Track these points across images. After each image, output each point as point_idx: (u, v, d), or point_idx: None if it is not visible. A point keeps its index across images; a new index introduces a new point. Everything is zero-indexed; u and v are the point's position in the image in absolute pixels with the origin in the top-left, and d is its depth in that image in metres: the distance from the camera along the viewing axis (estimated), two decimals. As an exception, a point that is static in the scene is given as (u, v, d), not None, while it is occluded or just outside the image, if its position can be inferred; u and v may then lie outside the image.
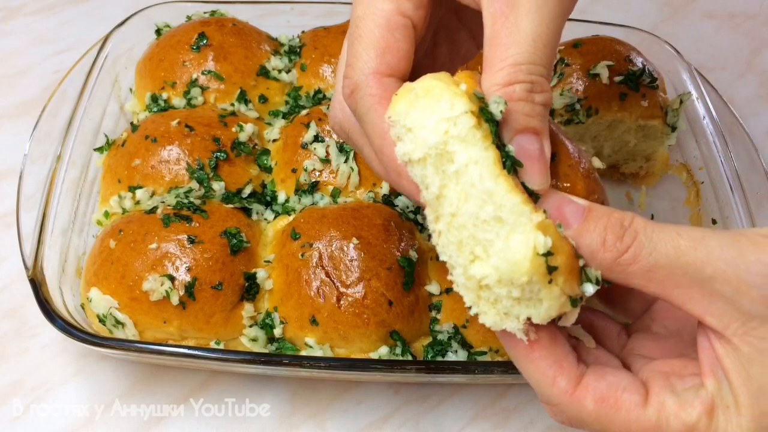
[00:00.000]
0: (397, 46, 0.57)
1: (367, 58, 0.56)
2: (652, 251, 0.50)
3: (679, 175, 1.09)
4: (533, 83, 0.53)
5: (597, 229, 0.52)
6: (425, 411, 0.87)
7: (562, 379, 0.54)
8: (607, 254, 0.51)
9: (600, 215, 0.52)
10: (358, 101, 0.57)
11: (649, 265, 0.50)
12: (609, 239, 0.51)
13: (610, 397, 0.53)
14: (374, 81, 0.56)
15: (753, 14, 1.43)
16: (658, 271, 0.50)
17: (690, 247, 0.50)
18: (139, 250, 0.82)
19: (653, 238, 0.51)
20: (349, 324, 0.80)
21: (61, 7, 1.35)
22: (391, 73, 0.57)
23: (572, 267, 0.52)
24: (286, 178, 0.93)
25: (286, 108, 1.05)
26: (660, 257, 0.50)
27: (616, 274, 0.52)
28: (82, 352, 0.89)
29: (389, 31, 0.57)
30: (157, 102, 1.02)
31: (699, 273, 0.49)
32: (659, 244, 0.50)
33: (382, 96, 0.56)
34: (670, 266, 0.50)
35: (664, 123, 1.05)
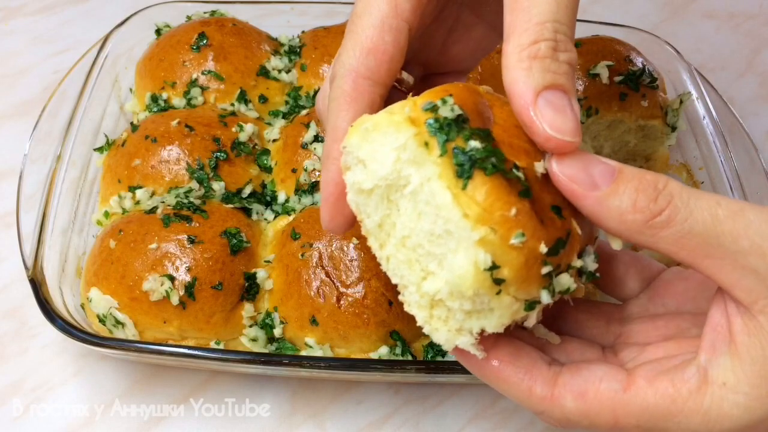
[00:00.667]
0: (383, 49, 0.58)
1: (352, 55, 0.58)
2: (687, 217, 0.49)
3: (679, 175, 1.09)
4: (557, 41, 0.52)
5: (628, 190, 0.50)
6: (425, 411, 0.87)
7: (537, 386, 0.54)
8: (638, 215, 0.50)
9: (632, 176, 0.50)
10: (332, 89, 0.60)
11: (683, 232, 0.49)
12: (641, 200, 0.49)
13: (589, 390, 0.53)
14: (350, 79, 0.58)
15: (753, 14, 1.43)
16: (692, 239, 0.49)
17: (728, 216, 0.48)
18: (139, 250, 0.82)
19: (689, 204, 0.49)
20: (349, 324, 0.80)
21: (61, 7, 1.35)
22: (369, 75, 0.58)
23: (525, 276, 0.50)
24: (286, 178, 0.93)
25: (286, 108, 1.05)
26: (695, 224, 0.49)
27: (645, 238, 0.50)
28: (82, 352, 0.89)
29: (380, 32, 0.58)
30: (157, 102, 1.02)
31: (734, 244, 0.48)
32: (696, 211, 0.49)
33: (351, 95, 0.58)
34: (705, 234, 0.48)
35: (664, 123, 1.05)
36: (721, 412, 0.49)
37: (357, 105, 0.58)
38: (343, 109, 0.58)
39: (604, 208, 0.50)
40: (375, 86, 0.58)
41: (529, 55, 0.51)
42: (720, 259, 0.49)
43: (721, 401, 0.49)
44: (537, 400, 0.54)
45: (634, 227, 0.50)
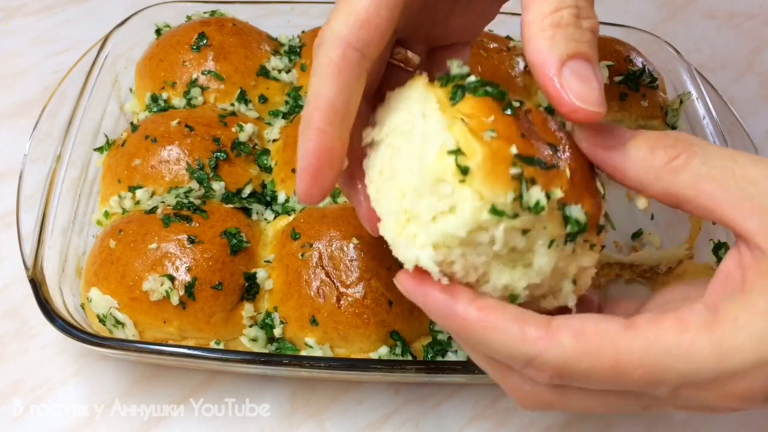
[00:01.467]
0: (377, 22, 0.56)
1: (343, 23, 0.56)
2: (705, 161, 0.49)
3: (679, 175, 1.09)
4: (579, 8, 0.52)
5: (647, 139, 0.51)
6: (425, 411, 0.87)
7: (530, 328, 0.49)
8: (657, 160, 0.50)
9: (648, 134, 0.52)
10: (316, 56, 0.58)
11: (702, 175, 0.49)
12: (660, 145, 0.51)
13: (587, 329, 0.49)
14: (339, 48, 0.56)
15: (753, 14, 1.43)
16: (711, 182, 0.49)
17: (747, 162, 0.49)
18: (139, 250, 0.82)
19: (708, 149, 0.50)
20: (349, 324, 0.80)
21: (61, 7, 1.35)
22: (360, 47, 0.56)
23: (490, 169, 0.48)
24: (286, 178, 0.93)
25: (286, 108, 1.05)
26: (714, 168, 0.49)
27: (664, 183, 0.50)
28: (82, 352, 0.89)
29: (377, 6, 0.56)
30: (157, 102, 1.02)
31: (753, 187, 0.47)
32: (714, 156, 0.49)
33: (338, 65, 0.56)
34: (723, 177, 0.48)
35: (664, 123, 1.05)
36: (733, 344, 0.46)
37: (344, 76, 0.56)
38: (328, 77, 0.56)
39: (624, 156, 0.51)
40: (364, 60, 0.57)
41: (551, 23, 0.51)
42: (738, 202, 0.48)
43: (734, 333, 0.46)
44: (530, 344, 0.49)
45: (653, 172, 0.50)
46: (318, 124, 0.56)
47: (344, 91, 0.57)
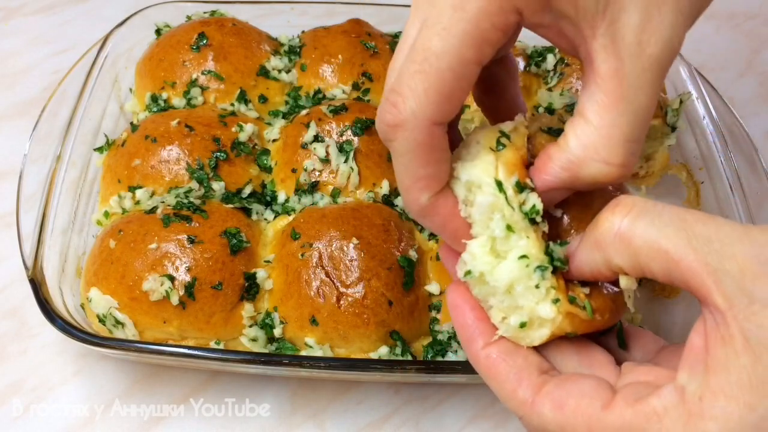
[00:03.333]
0: (460, 95, 0.54)
1: (426, 102, 0.53)
2: (653, 221, 0.49)
3: (679, 175, 1.09)
4: (628, 166, 0.54)
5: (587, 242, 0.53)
6: (425, 411, 0.87)
7: (521, 389, 0.54)
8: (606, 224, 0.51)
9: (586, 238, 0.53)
10: (400, 140, 0.55)
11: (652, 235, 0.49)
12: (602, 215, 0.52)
13: (568, 403, 0.52)
14: (425, 128, 0.54)
15: (753, 14, 1.43)
16: (663, 240, 0.48)
17: (698, 220, 0.48)
18: (139, 250, 0.82)
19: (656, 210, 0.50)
20: (349, 324, 0.80)
21: (61, 7, 1.36)
22: (443, 121, 0.55)
23: None
24: (286, 178, 0.93)
25: (286, 108, 1.05)
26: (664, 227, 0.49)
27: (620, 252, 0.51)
28: (82, 352, 0.89)
29: (459, 79, 0.53)
30: (157, 102, 1.02)
31: (706, 246, 0.47)
32: (663, 214, 0.49)
33: (429, 144, 0.55)
34: (675, 236, 0.48)
35: (664, 123, 1.05)
36: (698, 429, 0.47)
37: (436, 153, 0.55)
38: (423, 159, 0.55)
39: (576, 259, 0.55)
40: (446, 129, 0.56)
41: (590, 174, 0.54)
42: (693, 260, 0.48)
43: (698, 418, 0.47)
44: (518, 403, 0.54)
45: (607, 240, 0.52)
46: (432, 201, 0.57)
47: (440, 162, 0.57)
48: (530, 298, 0.55)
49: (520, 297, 0.55)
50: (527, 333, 0.56)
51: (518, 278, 0.55)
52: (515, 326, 0.55)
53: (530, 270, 0.54)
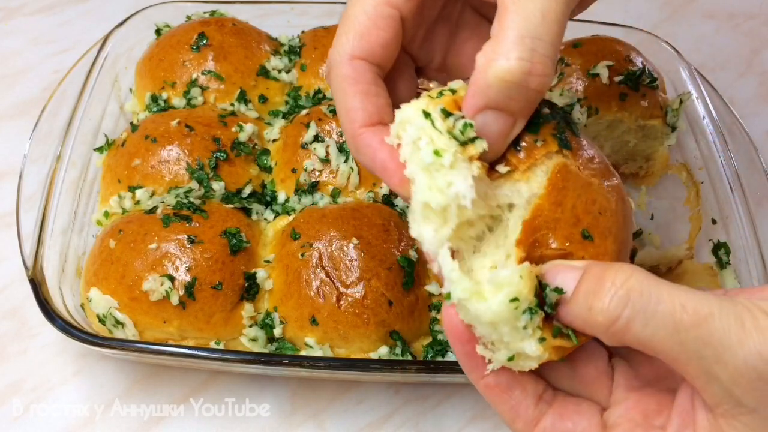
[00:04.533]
0: (376, 33, 0.59)
1: (345, 41, 0.59)
2: (648, 322, 0.48)
3: (679, 175, 1.09)
4: (533, 63, 0.51)
5: (587, 296, 0.50)
6: (425, 411, 0.87)
7: (518, 422, 0.56)
8: (598, 322, 0.49)
9: (590, 279, 0.50)
10: (331, 80, 0.61)
11: (646, 337, 0.48)
12: (596, 305, 0.49)
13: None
14: (347, 62, 0.59)
15: (753, 14, 1.43)
16: (656, 344, 0.48)
17: (693, 324, 0.47)
18: (139, 250, 0.82)
19: (649, 307, 0.48)
20: (349, 324, 0.80)
21: (61, 7, 1.35)
22: (365, 57, 0.59)
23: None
24: (286, 178, 0.93)
25: (286, 108, 1.05)
26: (657, 329, 0.48)
27: (615, 341, 0.50)
28: (82, 352, 0.89)
29: (372, 19, 0.59)
30: (157, 102, 1.02)
31: (699, 351, 0.47)
32: (657, 316, 0.48)
33: (351, 76, 0.59)
34: (670, 340, 0.48)
35: (664, 123, 1.05)
36: None
37: (360, 85, 0.59)
38: (347, 90, 0.59)
39: (571, 315, 0.51)
40: (372, 66, 0.59)
41: (498, 73, 0.51)
42: (685, 363, 0.48)
43: None
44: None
45: (601, 331, 0.50)
46: (361, 130, 0.58)
47: (367, 95, 0.59)
48: (516, 336, 0.53)
49: (505, 335, 0.53)
50: (516, 364, 0.55)
51: (505, 320, 0.52)
52: (503, 360, 0.54)
53: (518, 312, 0.52)
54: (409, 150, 0.55)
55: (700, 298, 0.48)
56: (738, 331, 0.47)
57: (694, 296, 0.48)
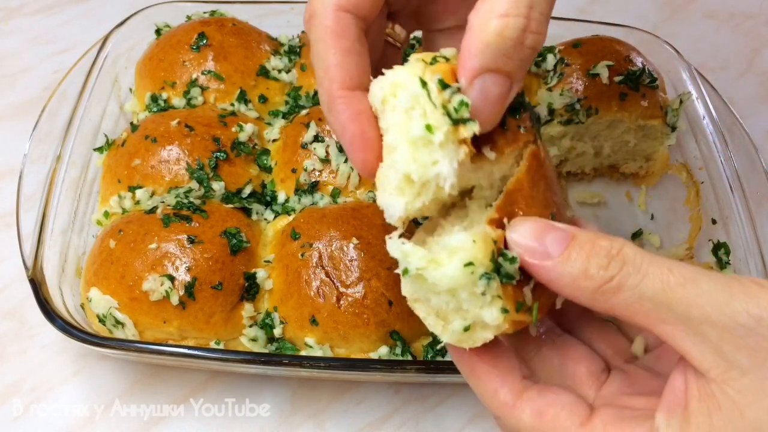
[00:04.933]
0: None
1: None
2: (638, 283, 0.48)
3: (679, 175, 1.09)
4: (530, 20, 0.50)
5: (579, 257, 0.50)
6: (425, 411, 0.87)
7: (503, 391, 0.54)
8: (590, 282, 0.49)
9: (585, 242, 0.50)
10: (312, 29, 0.58)
11: (635, 297, 0.48)
12: (592, 267, 0.49)
13: (548, 413, 0.53)
14: (331, 13, 0.56)
15: (753, 14, 1.43)
16: (644, 304, 0.48)
17: (679, 284, 0.48)
18: (139, 250, 0.82)
19: (641, 269, 0.49)
20: (349, 324, 0.80)
21: (61, 7, 1.35)
22: (351, 8, 0.56)
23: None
24: (286, 178, 0.93)
25: (286, 108, 1.05)
26: (646, 289, 0.48)
27: (599, 304, 0.50)
28: (82, 352, 0.89)
29: None
30: (156, 102, 1.02)
31: (685, 312, 0.47)
32: (647, 277, 0.48)
33: (334, 29, 0.56)
34: (656, 300, 0.48)
35: (664, 123, 1.05)
36: None
37: (344, 40, 0.56)
38: (330, 44, 0.56)
39: (557, 275, 0.50)
40: (358, 20, 0.57)
41: (494, 30, 0.50)
42: (673, 325, 0.48)
43: None
44: (498, 404, 0.55)
45: (587, 293, 0.50)
46: (340, 93, 0.56)
47: (350, 53, 0.56)
48: (475, 303, 0.52)
49: (464, 302, 0.52)
50: (469, 336, 0.54)
51: (462, 285, 0.51)
52: (459, 330, 0.53)
53: (475, 277, 0.51)
54: (398, 118, 0.53)
55: (689, 266, 0.49)
56: (725, 293, 0.47)
57: (683, 264, 0.49)
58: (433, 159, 0.52)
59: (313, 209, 0.89)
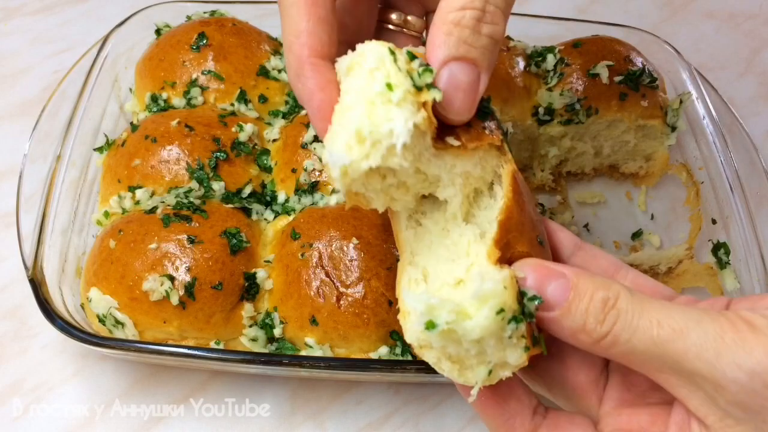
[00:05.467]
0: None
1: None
2: (630, 338, 0.50)
3: (679, 175, 1.09)
4: (485, 12, 0.53)
5: (579, 311, 0.52)
6: (425, 411, 0.87)
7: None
8: (588, 337, 0.52)
9: (583, 294, 0.52)
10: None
11: (628, 350, 0.50)
12: (589, 322, 0.51)
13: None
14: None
15: (753, 14, 1.43)
16: (638, 356, 0.50)
17: (668, 339, 0.49)
18: (139, 250, 0.82)
19: (632, 324, 0.50)
20: (349, 324, 0.80)
21: (61, 7, 1.35)
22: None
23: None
24: (286, 178, 0.93)
25: (286, 108, 1.05)
26: (638, 344, 0.50)
27: (599, 353, 0.52)
28: (82, 352, 0.89)
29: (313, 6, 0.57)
30: (157, 102, 1.02)
31: (677, 366, 0.49)
32: (638, 332, 0.50)
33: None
34: (648, 353, 0.50)
35: (664, 123, 1.05)
36: None
37: (319, 8, 0.57)
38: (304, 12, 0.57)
39: (558, 327, 0.53)
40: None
41: (452, 20, 0.53)
42: (668, 374, 0.50)
43: None
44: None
45: (586, 345, 0.52)
46: (311, 60, 0.56)
47: (323, 22, 0.57)
48: (500, 346, 0.52)
49: (489, 347, 0.52)
50: (490, 378, 0.54)
51: (493, 332, 0.51)
52: (483, 376, 0.53)
53: (504, 323, 0.51)
54: (361, 81, 0.53)
55: (680, 313, 0.50)
56: (716, 344, 0.48)
57: (672, 312, 0.50)
58: (388, 116, 0.51)
59: (313, 209, 0.89)
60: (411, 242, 0.60)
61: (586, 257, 0.62)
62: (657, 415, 0.55)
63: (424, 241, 0.59)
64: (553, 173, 1.10)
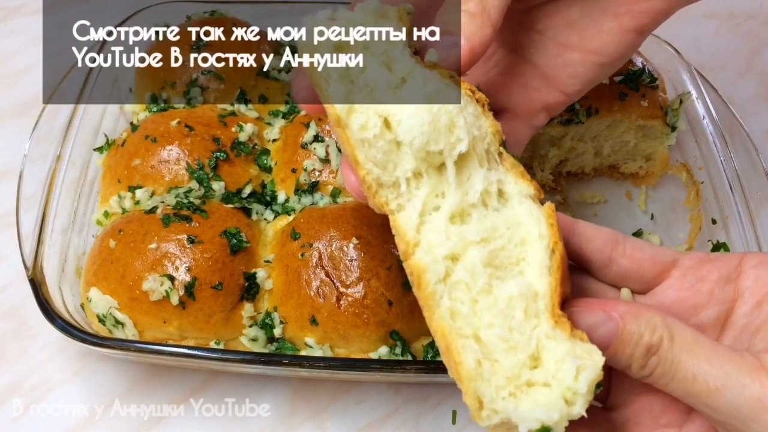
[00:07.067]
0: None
1: None
2: (668, 383, 0.54)
3: (679, 175, 1.09)
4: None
5: (624, 356, 0.55)
6: (425, 411, 0.87)
7: None
8: (630, 373, 0.56)
9: (629, 339, 0.54)
10: None
11: (667, 389, 0.54)
12: (634, 366, 0.55)
13: None
14: None
15: (753, 14, 1.43)
16: (678, 395, 0.54)
17: (702, 393, 0.52)
18: (138, 250, 0.82)
19: (670, 373, 0.53)
20: (349, 324, 0.80)
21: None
22: None
23: None
24: (286, 178, 0.93)
25: (286, 108, 1.05)
26: (675, 389, 0.53)
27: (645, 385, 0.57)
28: (82, 352, 0.89)
29: None
30: (157, 102, 1.02)
31: (712, 417, 0.53)
32: (674, 381, 0.53)
33: None
34: (684, 396, 0.53)
35: (664, 123, 1.05)
36: None
37: None
38: None
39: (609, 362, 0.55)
40: None
41: None
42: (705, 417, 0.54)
43: None
44: None
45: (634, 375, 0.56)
46: None
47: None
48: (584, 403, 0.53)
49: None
50: None
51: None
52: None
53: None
54: None
55: (717, 368, 0.52)
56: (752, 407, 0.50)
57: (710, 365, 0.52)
58: None
59: (313, 209, 0.89)
60: None
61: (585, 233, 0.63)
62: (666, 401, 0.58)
63: None
64: (553, 173, 1.10)
